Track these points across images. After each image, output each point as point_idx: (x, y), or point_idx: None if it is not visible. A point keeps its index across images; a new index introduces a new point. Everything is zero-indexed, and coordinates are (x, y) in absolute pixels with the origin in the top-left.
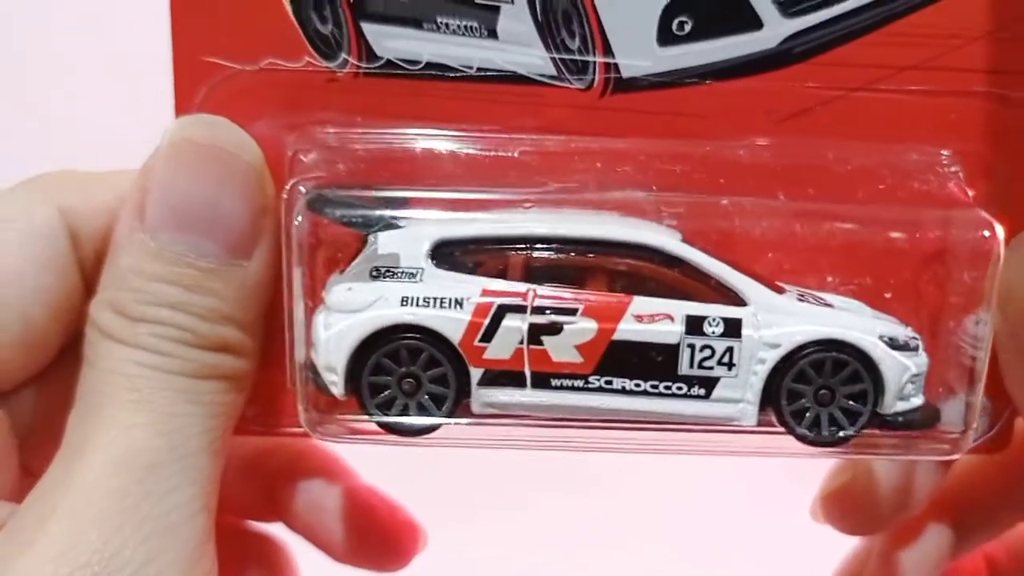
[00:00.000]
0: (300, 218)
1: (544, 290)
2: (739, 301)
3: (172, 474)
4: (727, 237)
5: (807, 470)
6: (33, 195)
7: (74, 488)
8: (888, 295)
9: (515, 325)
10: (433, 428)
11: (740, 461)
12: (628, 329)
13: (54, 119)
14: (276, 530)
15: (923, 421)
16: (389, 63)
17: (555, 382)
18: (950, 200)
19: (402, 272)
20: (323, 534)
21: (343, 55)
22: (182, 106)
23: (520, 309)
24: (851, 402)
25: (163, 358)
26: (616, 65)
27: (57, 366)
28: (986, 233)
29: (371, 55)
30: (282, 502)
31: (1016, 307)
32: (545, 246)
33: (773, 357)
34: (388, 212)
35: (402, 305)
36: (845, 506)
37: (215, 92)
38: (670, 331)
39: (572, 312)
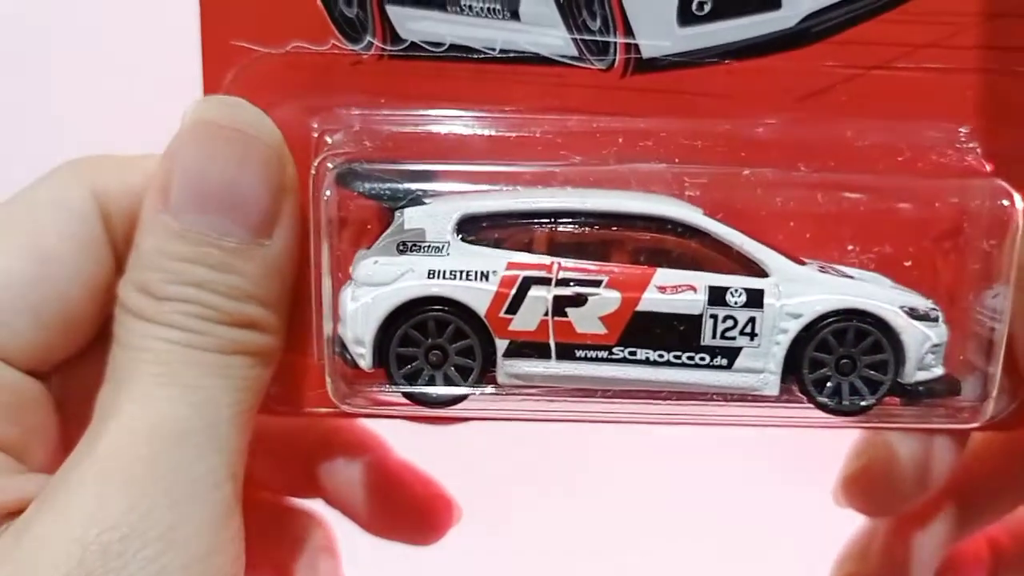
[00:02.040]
0: (329, 192)
1: (568, 262)
2: (761, 272)
3: (199, 443)
4: (749, 208)
5: (807, 472)
6: (68, 179)
7: (101, 456)
8: (908, 263)
9: (540, 297)
10: (459, 399)
11: (742, 461)
12: (652, 300)
13: (86, 105)
14: (316, 507)
15: (943, 391)
16: (413, 45)
17: (579, 353)
18: (969, 172)
19: (428, 246)
20: (358, 509)
21: (368, 38)
22: (210, 89)
23: (545, 281)
24: (872, 371)
25: (190, 335)
26: (637, 46)
27: (96, 346)
28: (1005, 202)
29: (395, 38)
30: (319, 478)
31: None
32: (569, 220)
33: (795, 327)
34: (415, 186)
35: (429, 278)
36: (867, 487)
37: (242, 75)
38: (693, 302)
39: (596, 284)
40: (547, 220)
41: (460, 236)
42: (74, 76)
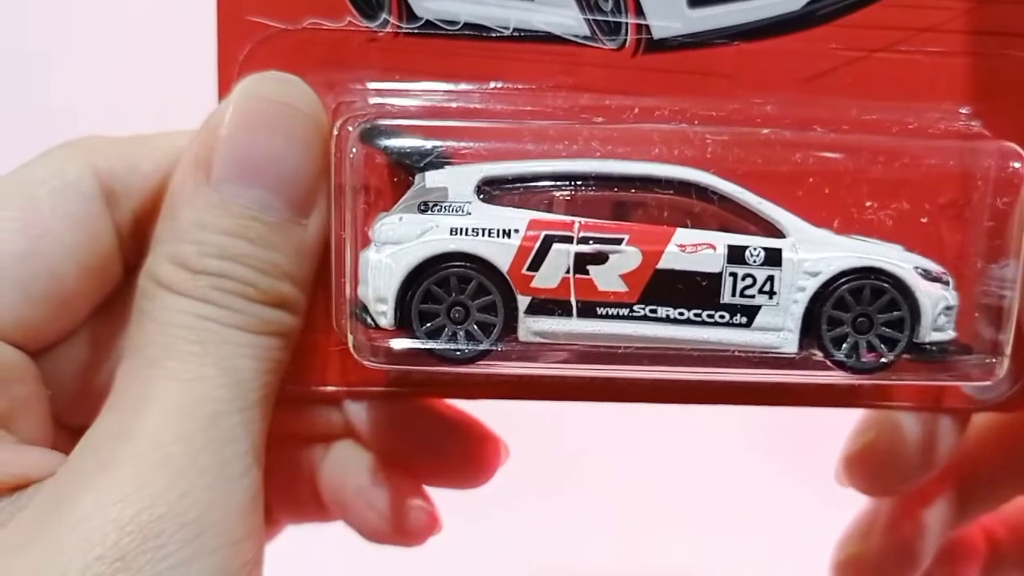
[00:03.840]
0: (355, 151)
1: (590, 221)
2: (779, 233)
3: (232, 426)
4: (769, 165)
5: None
6: (67, 156)
7: (138, 436)
8: (924, 220)
9: (562, 254)
10: (482, 355)
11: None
12: (672, 258)
13: (98, 83)
14: None
15: (956, 352)
16: (428, 23)
17: (600, 311)
18: (979, 136)
19: (450, 206)
20: (403, 454)
21: (383, 15)
22: (225, 64)
23: (567, 239)
24: (888, 329)
25: (225, 311)
26: (648, 26)
27: (90, 326)
28: (1016, 164)
29: (411, 15)
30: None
31: None
32: (589, 183)
33: (813, 285)
34: (440, 143)
35: (451, 235)
36: (870, 465)
37: (257, 50)
38: (713, 260)
39: (617, 242)
40: (567, 183)
41: (481, 197)
42: (86, 52)
